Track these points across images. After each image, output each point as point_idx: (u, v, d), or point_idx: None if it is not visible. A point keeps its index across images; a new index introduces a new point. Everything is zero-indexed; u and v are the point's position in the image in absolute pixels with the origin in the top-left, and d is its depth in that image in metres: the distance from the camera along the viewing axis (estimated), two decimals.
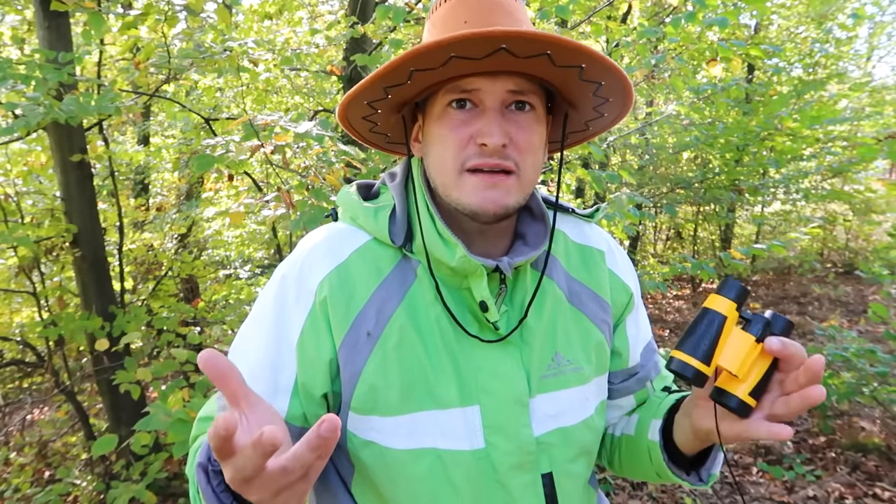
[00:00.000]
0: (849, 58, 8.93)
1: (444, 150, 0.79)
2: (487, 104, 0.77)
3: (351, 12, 3.69)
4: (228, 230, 4.64)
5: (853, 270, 6.62)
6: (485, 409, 0.80)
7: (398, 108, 0.86)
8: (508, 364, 0.82)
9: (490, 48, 0.70)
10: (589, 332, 0.89)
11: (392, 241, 0.82)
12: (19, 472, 3.22)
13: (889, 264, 5.31)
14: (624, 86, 0.78)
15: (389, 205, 0.86)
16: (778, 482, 3.05)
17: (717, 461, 0.85)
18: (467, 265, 0.79)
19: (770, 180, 6.48)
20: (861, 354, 3.22)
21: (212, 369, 0.56)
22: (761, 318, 0.69)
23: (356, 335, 0.80)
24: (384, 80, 0.76)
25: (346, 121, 0.88)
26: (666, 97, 7.08)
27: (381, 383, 0.79)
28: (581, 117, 0.89)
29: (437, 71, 0.74)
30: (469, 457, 0.79)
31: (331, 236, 0.87)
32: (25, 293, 3.23)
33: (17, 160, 3.44)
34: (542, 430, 0.82)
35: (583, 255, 0.93)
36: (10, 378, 4.01)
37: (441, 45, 0.68)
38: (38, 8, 2.71)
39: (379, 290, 0.82)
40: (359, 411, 0.81)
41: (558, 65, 0.74)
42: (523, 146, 0.78)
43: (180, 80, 3.18)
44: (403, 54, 0.70)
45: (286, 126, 2.06)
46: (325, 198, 2.08)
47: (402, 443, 0.80)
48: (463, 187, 0.78)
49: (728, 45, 3.02)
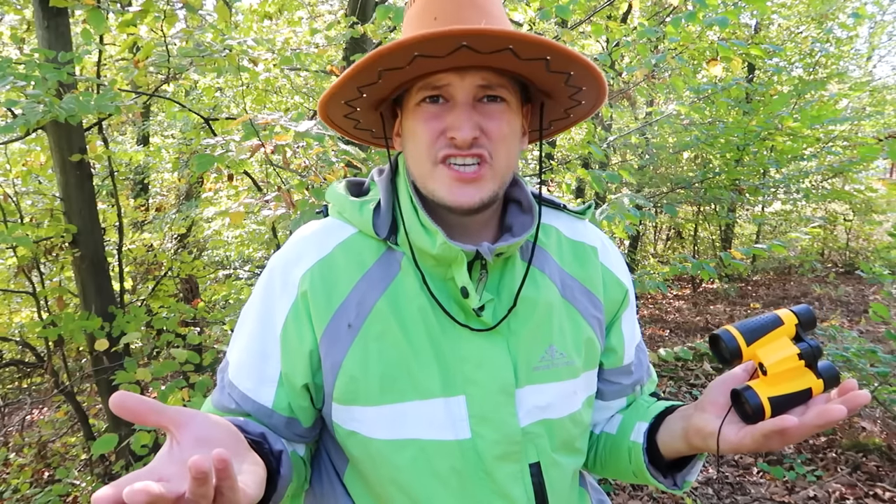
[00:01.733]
0: (849, 57, 8.93)
1: (418, 143, 0.81)
2: (458, 99, 0.79)
3: (351, 12, 3.69)
4: (228, 230, 4.64)
5: (854, 270, 6.62)
6: (470, 399, 0.81)
7: (376, 105, 0.88)
8: (495, 354, 0.82)
9: (451, 46, 0.71)
10: (580, 326, 0.89)
11: (376, 233, 0.84)
12: (19, 473, 3.21)
13: (890, 264, 5.31)
14: (593, 74, 0.79)
15: (375, 199, 0.88)
16: (778, 482, 3.05)
17: (695, 469, 0.88)
18: (448, 252, 0.80)
19: (770, 180, 6.48)
20: (862, 354, 3.21)
21: (124, 412, 0.56)
22: (815, 343, 0.72)
23: (337, 327, 0.81)
24: (355, 81, 0.78)
25: (329, 119, 0.90)
26: (666, 97, 7.08)
27: (362, 374, 0.80)
28: (559, 106, 0.90)
29: (405, 70, 0.76)
30: (455, 447, 0.80)
31: (318, 230, 0.90)
32: (25, 293, 3.22)
33: (17, 160, 3.44)
34: (528, 421, 0.83)
35: (575, 250, 0.94)
36: (10, 378, 4.01)
37: (403, 45, 0.70)
38: (37, 7, 2.70)
39: (361, 282, 0.83)
40: (341, 401, 0.82)
41: (523, 58, 0.75)
42: (495, 136, 0.79)
43: (180, 79, 3.18)
44: (369, 54, 0.72)
45: (287, 125, 2.05)
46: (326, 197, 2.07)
47: (384, 433, 0.81)
48: (437, 179, 0.80)
49: (728, 45, 3.01)
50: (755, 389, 0.70)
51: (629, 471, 0.91)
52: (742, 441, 0.72)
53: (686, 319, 6.33)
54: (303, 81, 5.08)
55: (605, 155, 4.81)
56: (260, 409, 0.83)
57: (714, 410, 0.77)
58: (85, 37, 2.53)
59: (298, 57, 4.03)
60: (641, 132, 6.34)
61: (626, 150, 7.12)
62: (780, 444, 0.71)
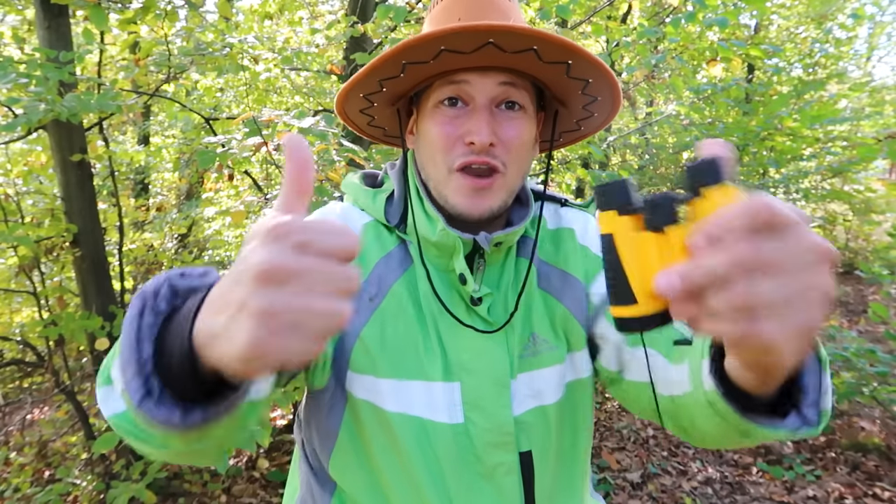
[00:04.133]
0: (849, 58, 8.94)
1: (434, 146, 0.82)
2: (478, 101, 0.79)
3: (351, 12, 3.69)
4: (228, 230, 4.64)
5: (853, 270, 6.62)
6: (465, 387, 0.83)
7: (393, 101, 0.89)
8: (492, 346, 0.84)
9: (479, 42, 0.72)
10: (553, 308, 0.90)
11: (387, 220, 0.87)
12: (19, 472, 3.21)
13: (889, 264, 5.31)
14: (610, 83, 0.80)
15: (389, 190, 0.90)
16: (778, 482, 3.05)
17: (824, 390, 0.59)
18: (446, 239, 0.82)
19: (770, 180, 6.48)
20: (861, 354, 3.22)
21: (296, 154, 0.46)
22: (650, 202, 0.48)
23: (361, 296, 0.83)
24: (378, 73, 0.79)
25: (345, 114, 0.92)
26: (666, 97, 7.08)
27: (377, 346, 0.82)
28: (572, 116, 0.91)
29: (430, 64, 0.77)
30: (448, 430, 0.82)
31: (343, 210, 0.92)
32: (25, 293, 3.22)
33: (18, 160, 3.44)
34: (521, 410, 0.84)
35: (554, 238, 0.95)
36: (11, 378, 4.01)
37: (431, 37, 0.71)
38: (38, 8, 2.71)
39: (382, 261, 0.86)
40: (356, 370, 0.84)
41: (545, 60, 0.76)
42: (511, 144, 0.80)
43: (180, 79, 3.18)
44: (396, 46, 0.73)
45: (290, 122, 2.06)
46: (329, 194, 2.08)
47: (393, 405, 0.82)
48: (451, 186, 0.81)
49: (728, 45, 3.02)
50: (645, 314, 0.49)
51: (734, 434, 0.63)
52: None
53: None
54: (303, 81, 5.08)
55: (605, 155, 4.82)
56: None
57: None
58: (86, 37, 2.53)
59: (299, 56, 4.03)
60: (641, 132, 6.34)
61: (626, 150, 7.13)
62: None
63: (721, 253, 0.39)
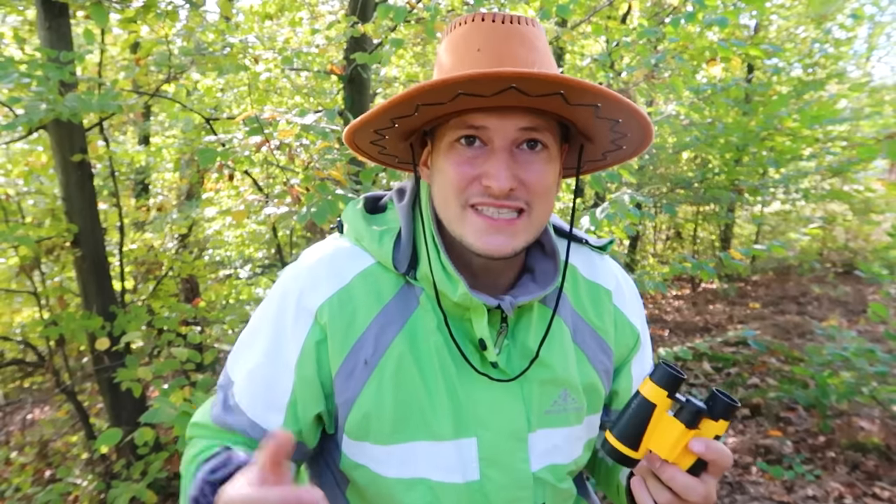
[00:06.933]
0: (848, 58, 8.94)
1: (448, 185, 0.77)
2: (496, 143, 0.74)
3: (351, 12, 3.69)
4: (229, 230, 4.64)
5: (853, 270, 6.62)
6: (482, 442, 0.80)
7: (406, 135, 0.84)
8: (508, 399, 0.81)
9: (499, 87, 0.67)
10: (587, 372, 0.88)
11: (396, 267, 0.81)
12: (20, 472, 3.22)
13: (888, 264, 5.31)
14: (642, 124, 0.75)
15: (395, 228, 0.84)
16: (777, 482, 3.06)
17: None
18: (468, 301, 0.78)
19: (770, 180, 6.48)
20: (860, 354, 3.22)
21: (272, 452, 0.57)
22: (694, 405, 0.68)
23: (353, 362, 0.79)
24: (391, 113, 0.74)
25: (354, 144, 0.86)
26: (666, 97, 7.07)
27: (375, 412, 0.79)
28: (598, 150, 0.86)
29: (445, 105, 0.73)
30: (462, 489, 0.79)
31: (335, 255, 0.85)
32: (26, 293, 3.22)
33: (18, 160, 3.44)
34: (539, 465, 0.82)
35: (591, 292, 0.92)
36: (11, 378, 4.01)
37: (448, 83, 0.66)
38: (39, 8, 2.71)
39: (379, 316, 0.80)
40: (352, 436, 0.81)
41: (572, 104, 0.71)
42: (535, 188, 0.76)
43: (181, 79, 3.18)
44: (411, 89, 0.69)
45: (292, 119, 2.06)
46: (332, 192, 2.07)
47: (393, 471, 0.80)
48: (466, 224, 0.77)
49: (728, 45, 3.02)
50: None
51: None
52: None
53: (685, 319, 6.33)
54: (303, 81, 5.09)
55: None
56: (267, 435, 0.81)
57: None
58: (86, 37, 2.54)
59: (299, 56, 4.03)
60: None
61: None
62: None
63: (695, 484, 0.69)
